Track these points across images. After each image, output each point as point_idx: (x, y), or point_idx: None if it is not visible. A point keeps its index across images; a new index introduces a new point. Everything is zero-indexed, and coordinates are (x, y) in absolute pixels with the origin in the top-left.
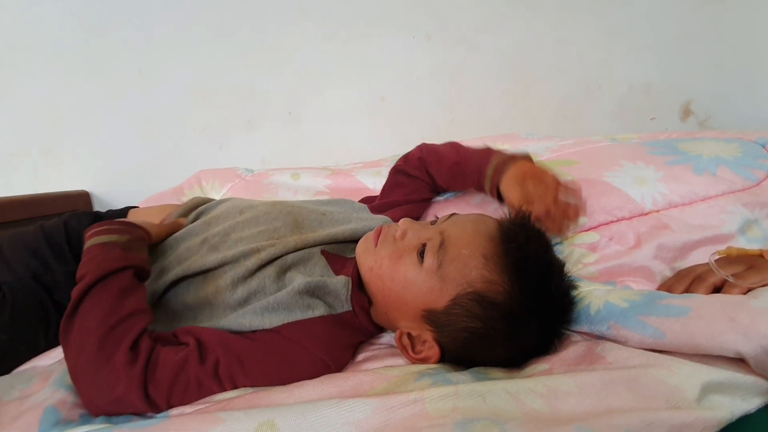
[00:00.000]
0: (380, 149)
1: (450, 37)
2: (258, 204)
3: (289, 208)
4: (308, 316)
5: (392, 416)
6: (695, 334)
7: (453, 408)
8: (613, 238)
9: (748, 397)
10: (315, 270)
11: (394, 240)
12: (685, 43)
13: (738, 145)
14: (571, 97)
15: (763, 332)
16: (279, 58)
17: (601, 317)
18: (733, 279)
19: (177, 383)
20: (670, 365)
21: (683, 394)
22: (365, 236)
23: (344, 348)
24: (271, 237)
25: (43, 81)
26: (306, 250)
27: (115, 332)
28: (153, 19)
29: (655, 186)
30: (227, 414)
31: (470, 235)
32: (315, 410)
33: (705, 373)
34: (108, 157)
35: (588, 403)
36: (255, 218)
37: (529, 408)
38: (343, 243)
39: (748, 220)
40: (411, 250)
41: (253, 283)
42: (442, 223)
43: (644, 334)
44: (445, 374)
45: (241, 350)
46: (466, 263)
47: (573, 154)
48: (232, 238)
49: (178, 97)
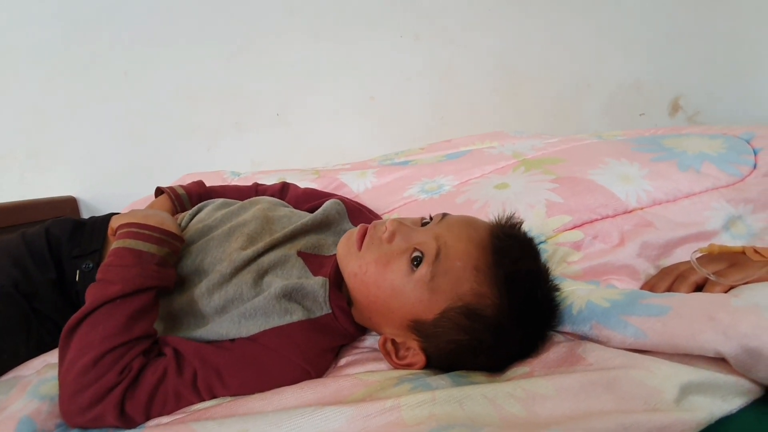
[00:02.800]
0: (370, 149)
1: (438, 37)
2: (233, 207)
3: (263, 211)
4: (286, 322)
5: (368, 424)
6: (676, 334)
7: (429, 415)
8: (598, 236)
9: (729, 398)
10: (293, 272)
11: (380, 243)
12: (674, 39)
13: (723, 141)
14: (561, 94)
15: (742, 331)
16: (267, 59)
17: (583, 317)
18: (715, 277)
19: (156, 398)
20: (649, 366)
21: (662, 395)
22: (347, 235)
23: (324, 352)
24: (245, 240)
25: (29, 84)
26: (282, 252)
27: (114, 354)
28: (139, 21)
29: (640, 183)
30: (201, 425)
31: (465, 244)
32: (290, 420)
33: (685, 374)
34: (95, 162)
35: (566, 406)
36: (229, 221)
37: (506, 413)
38: (318, 234)
39: (732, 216)
40: (400, 256)
41: (230, 290)
42: (436, 225)
43: (626, 334)
44: (425, 378)
45: (218, 362)
46: (459, 276)
47: (559, 152)
48: (206, 245)
49: (165, 100)
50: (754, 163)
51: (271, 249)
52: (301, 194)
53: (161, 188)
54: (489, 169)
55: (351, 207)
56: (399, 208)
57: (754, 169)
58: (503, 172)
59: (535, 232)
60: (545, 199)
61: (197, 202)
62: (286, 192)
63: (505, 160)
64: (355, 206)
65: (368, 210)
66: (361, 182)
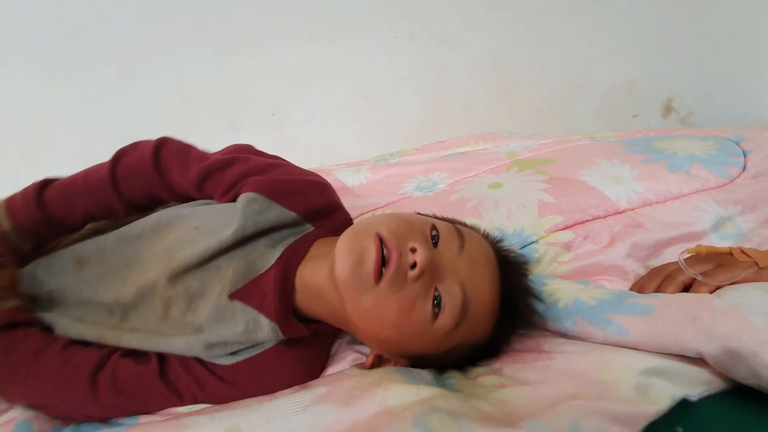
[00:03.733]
0: (365, 149)
1: (433, 38)
2: (139, 231)
3: (166, 256)
4: (257, 352)
5: (357, 418)
6: (658, 333)
7: (413, 403)
8: (588, 236)
9: (689, 385)
10: (237, 328)
11: (405, 279)
12: (666, 41)
13: (713, 143)
14: (555, 95)
15: (723, 332)
16: (261, 60)
17: (568, 313)
18: (702, 277)
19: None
20: (608, 359)
21: (620, 388)
22: (347, 249)
23: (313, 363)
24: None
25: (23, 84)
26: (212, 303)
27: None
28: (133, 21)
29: (631, 184)
30: (193, 420)
31: (489, 294)
32: (281, 416)
33: (645, 360)
34: (89, 162)
35: (535, 406)
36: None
37: (482, 411)
38: (244, 249)
39: (721, 217)
40: (423, 299)
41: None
42: (458, 259)
43: (608, 331)
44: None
45: (202, 378)
46: (476, 325)
47: (551, 152)
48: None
49: (159, 100)
50: (743, 165)
51: (200, 300)
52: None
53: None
54: (483, 168)
55: (270, 188)
56: (394, 203)
57: (743, 170)
58: (497, 172)
59: (527, 232)
60: (538, 200)
61: (41, 232)
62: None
63: (498, 160)
64: (275, 184)
65: (284, 169)
66: (355, 178)
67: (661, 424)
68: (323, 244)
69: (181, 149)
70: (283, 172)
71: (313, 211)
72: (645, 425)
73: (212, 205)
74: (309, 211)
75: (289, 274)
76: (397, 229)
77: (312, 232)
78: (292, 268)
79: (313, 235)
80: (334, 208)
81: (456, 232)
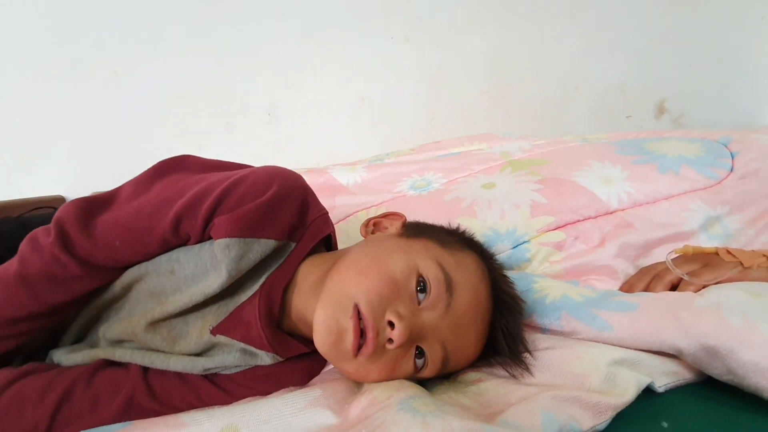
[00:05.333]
0: (361, 150)
1: (428, 39)
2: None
3: (144, 283)
4: (257, 364)
5: (349, 414)
6: (641, 329)
7: (397, 388)
8: (579, 237)
9: (655, 375)
10: (233, 355)
11: (383, 350)
12: (659, 44)
13: (701, 145)
14: (549, 97)
15: (702, 330)
16: (257, 59)
17: (554, 307)
18: (688, 277)
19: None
20: (580, 352)
21: (590, 379)
22: (327, 329)
23: (311, 369)
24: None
25: (16, 84)
26: (198, 340)
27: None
28: (128, 20)
29: (621, 185)
30: (190, 417)
31: (471, 349)
32: (279, 417)
33: (614, 352)
34: (83, 162)
35: (510, 397)
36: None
37: (459, 402)
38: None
39: (710, 217)
40: (404, 358)
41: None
42: (438, 321)
43: (592, 326)
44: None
45: (199, 387)
46: (458, 365)
47: (544, 153)
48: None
49: (154, 100)
50: (730, 167)
51: (182, 339)
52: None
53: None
54: (477, 168)
55: (241, 226)
56: (388, 202)
57: (730, 172)
58: (490, 172)
59: (519, 232)
60: (530, 200)
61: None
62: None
63: (492, 161)
64: (244, 220)
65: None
66: (350, 176)
67: (646, 418)
68: (310, 268)
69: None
70: (237, 193)
71: (289, 229)
72: (613, 414)
73: (176, 250)
74: (286, 231)
75: (273, 300)
76: (377, 297)
77: (295, 250)
78: (276, 294)
79: (297, 255)
80: (304, 211)
81: (445, 285)
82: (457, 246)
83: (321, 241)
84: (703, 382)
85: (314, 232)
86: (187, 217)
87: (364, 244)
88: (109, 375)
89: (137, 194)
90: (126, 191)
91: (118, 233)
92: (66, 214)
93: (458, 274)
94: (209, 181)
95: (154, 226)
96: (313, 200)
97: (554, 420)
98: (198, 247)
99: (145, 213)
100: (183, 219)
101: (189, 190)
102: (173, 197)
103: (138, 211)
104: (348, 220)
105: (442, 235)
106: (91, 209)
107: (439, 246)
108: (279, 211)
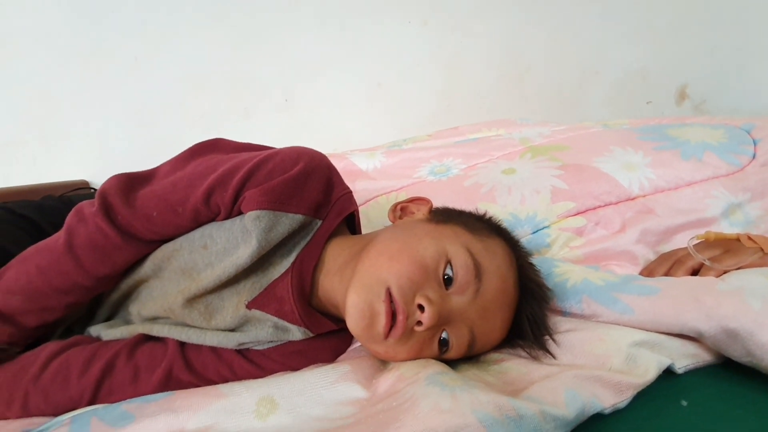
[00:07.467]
0: (377, 135)
1: (446, 23)
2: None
3: (175, 260)
4: (289, 340)
5: (378, 388)
6: (662, 312)
7: (423, 366)
8: (600, 222)
9: (675, 357)
10: (266, 329)
11: (412, 332)
12: (680, 27)
13: (724, 131)
14: (567, 82)
15: (723, 313)
16: (275, 45)
17: (575, 290)
18: (710, 263)
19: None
20: (601, 334)
21: (612, 359)
22: (360, 313)
23: (340, 346)
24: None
25: (39, 70)
26: (234, 315)
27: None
28: (149, 6)
29: (643, 171)
30: (228, 388)
31: (497, 334)
32: (312, 389)
33: (635, 334)
34: (105, 146)
35: (532, 376)
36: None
37: (483, 380)
38: (257, 269)
39: (731, 204)
40: (430, 342)
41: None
42: (470, 308)
43: (614, 309)
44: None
45: (233, 361)
46: (483, 349)
47: (565, 139)
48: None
49: (174, 85)
50: (753, 153)
51: (218, 314)
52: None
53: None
54: (496, 154)
55: (270, 198)
56: (408, 187)
57: (753, 159)
58: (510, 158)
59: (539, 217)
60: (551, 185)
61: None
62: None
63: (512, 146)
64: (273, 193)
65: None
66: (370, 161)
67: (666, 397)
68: (337, 249)
69: (127, 192)
70: (266, 170)
71: (315, 205)
72: (633, 393)
73: (208, 225)
74: (312, 207)
75: (304, 278)
76: (407, 281)
77: (321, 228)
78: (307, 273)
79: (323, 232)
80: (329, 189)
81: (474, 272)
82: (486, 232)
83: (344, 222)
84: (722, 364)
85: (339, 210)
86: (218, 189)
87: (393, 229)
88: (148, 349)
89: (174, 171)
90: (164, 169)
91: (155, 204)
92: (110, 186)
93: (487, 260)
94: (240, 158)
95: (188, 197)
96: (338, 179)
97: (577, 397)
98: (229, 223)
99: (181, 186)
100: (215, 191)
101: (221, 166)
102: (207, 172)
103: (174, 184)
104: (368, 204)
105: (471, 221)
106: (132, 183)
107: (468, 232)
108: (305, 186)
